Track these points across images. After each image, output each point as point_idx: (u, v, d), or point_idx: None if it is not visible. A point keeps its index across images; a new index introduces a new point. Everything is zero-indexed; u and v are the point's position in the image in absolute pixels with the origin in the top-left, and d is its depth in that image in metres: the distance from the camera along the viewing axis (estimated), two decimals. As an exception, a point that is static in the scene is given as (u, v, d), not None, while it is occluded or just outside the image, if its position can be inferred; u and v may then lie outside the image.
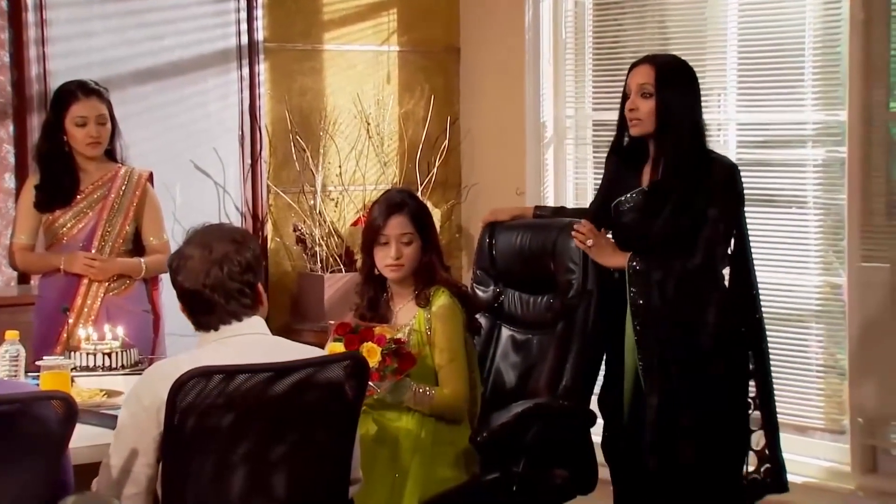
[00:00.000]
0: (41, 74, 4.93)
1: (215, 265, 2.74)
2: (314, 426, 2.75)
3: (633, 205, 3.67)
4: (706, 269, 3.58)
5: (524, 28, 5.51)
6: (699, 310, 3.57)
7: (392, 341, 3.34)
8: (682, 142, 3.55)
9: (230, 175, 5.45)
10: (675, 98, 3.57)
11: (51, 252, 4.12)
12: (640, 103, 3.60)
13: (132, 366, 3.75)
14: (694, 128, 3.59)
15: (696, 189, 3.55)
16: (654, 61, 3.65)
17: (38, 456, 2.47)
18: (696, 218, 3.55)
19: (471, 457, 3.52)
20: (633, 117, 3.62)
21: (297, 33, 5.57)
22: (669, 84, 3.58)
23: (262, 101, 5.48)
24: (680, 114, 3.57)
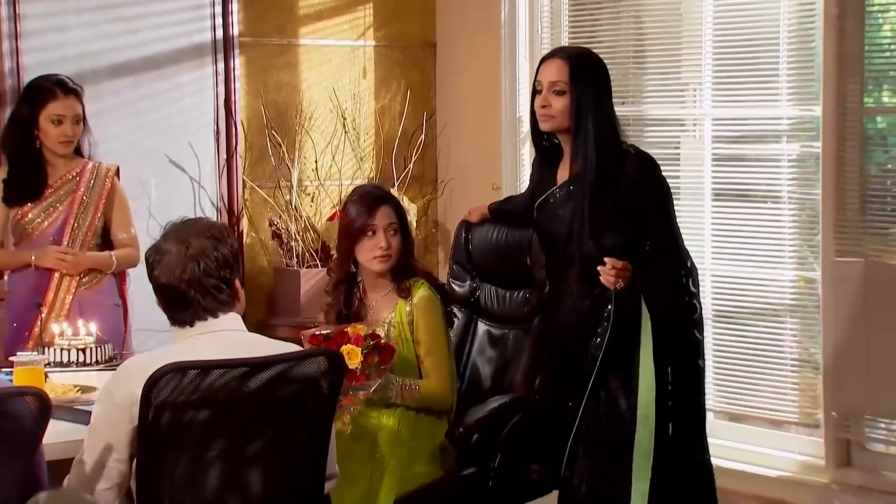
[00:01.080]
0: (14, 69, 4.89)
1: (192, 261, 2.73)
2: (290, 422, 2.74)
3: (556, 207, 3.56)
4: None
5: (500, 23, 5.51)
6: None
7: (368, 337, 3.34)
8: (602, 139, 3.45)
9: (205, 170, 5.43)
10: (590, 95, 3.46)
11: (20, 248, 4.10)
12: (552, 100, 3.48)
13: (106, 361, 3.73)
14: (610, 124, 3.49)
15: (617, 185, 3.46)
16: (566, 56, 3.52)
17: (11, 452, 2.46)
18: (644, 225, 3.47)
19: (447, 452, 3.52)
20: (544, 114, 3.50)
21: (273, 28, 5.56)
22: (583, 80, 3.46)
23: (237, 95, 5.46)
24: (595, 111, 3.46)
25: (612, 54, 5.17)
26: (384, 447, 3.44)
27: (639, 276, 3.40)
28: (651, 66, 5.11)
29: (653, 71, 5.10)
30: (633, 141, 5.10)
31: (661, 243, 3.49)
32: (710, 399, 4.85)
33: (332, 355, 2.81)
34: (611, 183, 3.44)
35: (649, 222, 3.47)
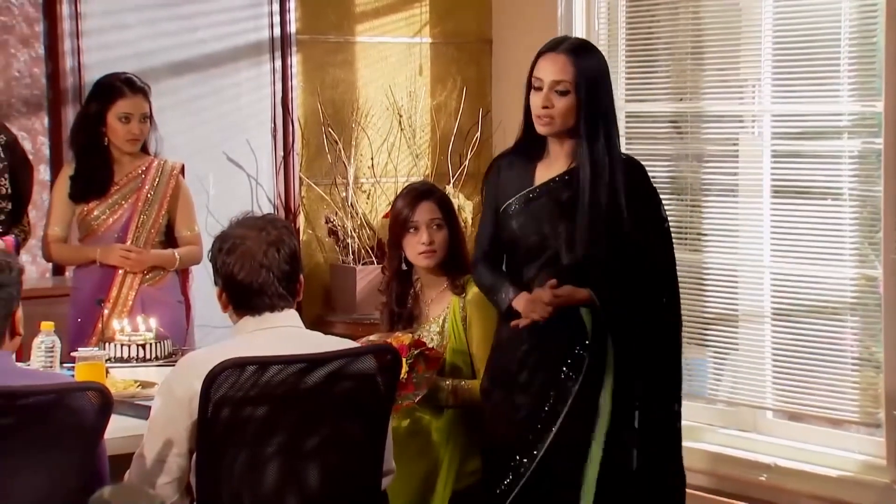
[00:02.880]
0: (76, 67, 4.95)
1: (272, 247, 2.74)
2: (346, 418, 2.75)
3: (539, 208, 3.27)
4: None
5: (557, 19, 5.48)
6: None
7: (413, 346, 3.34)
8: (612, 144, 3.20)
9: (263, 167, 5.46)
10: (598, 96, 3.20)
11: (85, 244, 4.15)
12: (555, 100, 3.18)
13: (166, 357, 3.77)
14: (616, 127, 3.27)
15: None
16: (570, 51, 3.20)
17: (74, 447, 2.49)
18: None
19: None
20: (545, 115, 3.19)
21: (330, 25, 5.58)
22: (591, 80, 3.18)
23: (294, 93, 5.49)
24: (605, 113, 3.21)
25: (669, 50, 5.13)
26: (439, 443, 3.44)
27: (607, 294, 3.17)
28: (709, 62, 5.06)
29: (711, 66, 5.05)
30: (691, 137, 5.12)
31: (652, 258, 3.26)
32: (768, 398, 4.81)
33: (389, 351, 2.82)
34: (612, 188, 3.20)
35: (647, 234, 3.24)
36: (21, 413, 2.41)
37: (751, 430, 4.86)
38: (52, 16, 4.91)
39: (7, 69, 4.86)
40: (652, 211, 3.28)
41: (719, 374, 5.00)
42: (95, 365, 3.23)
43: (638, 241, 3.21)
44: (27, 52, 4.92)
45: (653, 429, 3.27)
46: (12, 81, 4.88)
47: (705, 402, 5.03)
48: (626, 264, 3.21)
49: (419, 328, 3.56)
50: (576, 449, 3.20)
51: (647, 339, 3.25)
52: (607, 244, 3.18)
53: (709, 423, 4.97)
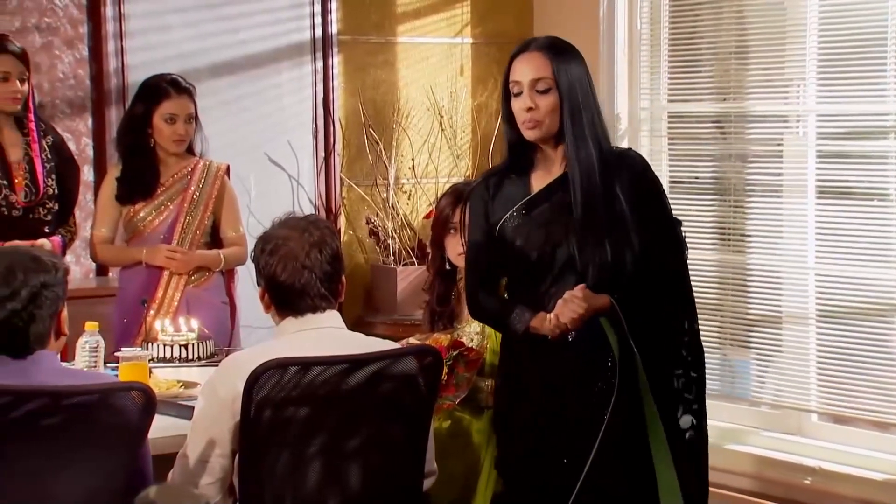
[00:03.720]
0: (119, 68, 4.98)
1: (315, 248, 2.75)
2: (388, 419, 2.75)
3: (540, 216, 3.04)
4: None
5: (598, 19, 5.45)
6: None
7: (452, 347, 3.33)
8: (600, 138, 3.00)
9: (304, 168, 5.47)
10: (579, 87, 2.98)
11: (131, 245, 4.17)
12: (538, 100, 2.95)
13: (208, 357, 3.78)
14: (601, 119, 3.04)
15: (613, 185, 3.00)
16: (543, 47, 3.00)
17: (118, 446, 2.50)
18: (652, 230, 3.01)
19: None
20: (531, 118, 2.96)
21: (371, 26, 5.58)
22: (570, 72, 2.97)
23: (335, 93, 5.49)
24: (587, 105, 2.99)
25: (713, 49, 5.10)
26: (480, 444, 3.44)
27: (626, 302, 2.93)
28: (753, 61, 5.02)
29: (755, 66, 5.01)
30: (734, 137, 5.07)
31: (662, 259, 3.02)
32: (813, 400, 4.77)
33: (431, 352, 2.81)
34: (606, 186, 2.98)
35: (653, 231, 3.01)
36: (66, 413, 2.42)
37: (795, 433, 4.81)
38: (97, 17, 4.95)
39: (52, 71, 4.90)
40: (655, 208, 3.03)
41: (763, 376, 4.96)
42: (139, 365, 3.24)
43: (643, 241, 2.98)
44: (71, 53, 4.95)
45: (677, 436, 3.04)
46: (57, 83, 4.92)
47: (749, 404, 4.99)
48: (634, 268, 2.97)
49: (459, 328, 3.55)
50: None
51: (664, 350, 3.02)
52: (613, 249, 2.95)
53: (753, 425, 4.93)
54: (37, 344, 2.54)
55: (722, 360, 5.06)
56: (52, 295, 2.54)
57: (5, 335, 2.52)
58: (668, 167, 5.36)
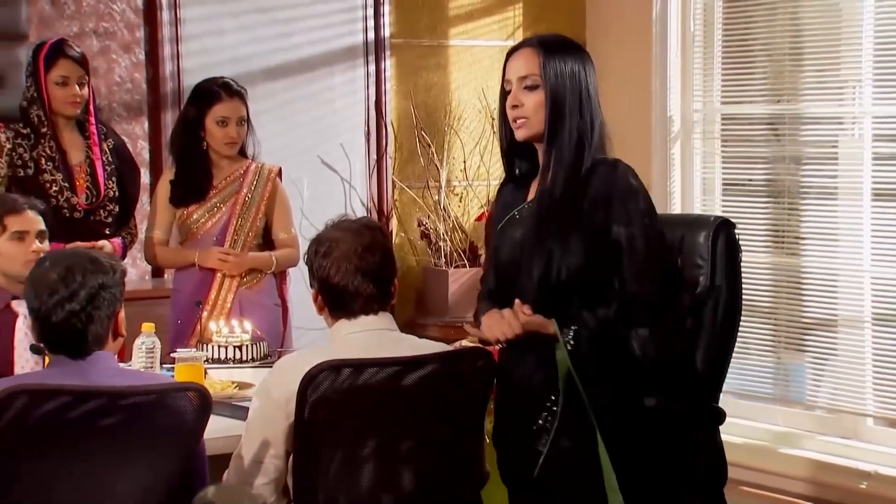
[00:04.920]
0: (175, 72, 5.03)
1: (368, 250, 2.76)
2: (441, 421, 2.75)
3: (514, 229, 2.85)
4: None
5: (651, 21, 5.43)
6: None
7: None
8: (582, 145, 2.77)
9: (356, 170, 5.50)
10: (568, 87, 2.76)
11: (185, 247, 4.21)
12: (523, 97, 2.78)
13: (262, 358, 3.80)
14: (593, 127, 2.79)
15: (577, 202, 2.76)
16: (535, 42, 2.83)
17: (174, 446, 2.53)
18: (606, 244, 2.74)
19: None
20: (517, 115, 2.79)
21: (423, 29, 5.59)
22: (560, 70, 2.77)
23: (387, 96, 5.51)
24: (576, 107, 2.77)
25: (767, 51, 5.06)
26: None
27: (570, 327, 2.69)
28: (808, 63, 4.97)
29: (809, 68, 4.97)
30: (788, 140, 5.03)
31: (629, 279, 2.73)
32: (869, 404, 4.72)
33: (484, 355, 2.82)
34: (574, 197, 2.75)
35: (611, 248, 2.73)
36: (123, 413, 2.45)
37: (851, 437, 4.76)
38: (153, 22, 5.00)
39: (109, 75, 4.96)
40: (626, 222, 2.73)
41: (819, 379, 4.91)
42: (194, 366, 3.27)
43: (610, 256, 2.73)
44: (128, 57, 5.01)
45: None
46: (114, 86, 4.98)
47: (804, 408, 4.94)
48: (596, 287, 2.73)
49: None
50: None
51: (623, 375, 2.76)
52: (581, 263, 2.73)
53: (808, 429, 4.88)
54: (95, 345, 2.57)
55: (776, 364, 5.02)
56: (109, 296, 2.57)
57: (64, 336, 2.55)
58: (722, 170, 5.32)
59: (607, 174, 2.75)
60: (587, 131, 2.77)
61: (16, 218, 3.50)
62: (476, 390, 2.81)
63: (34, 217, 3.53)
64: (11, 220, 3.49)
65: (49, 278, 2.54)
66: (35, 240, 3.49)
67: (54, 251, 3.30)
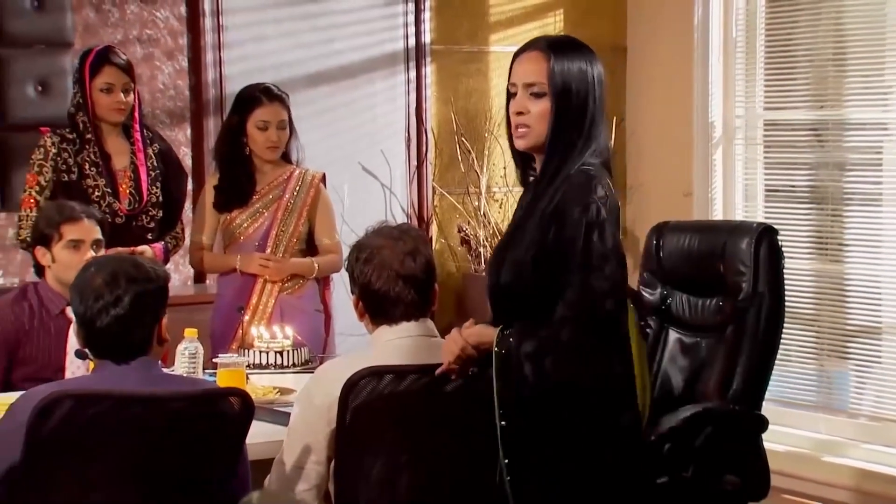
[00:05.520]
0: (217, 79, 5.07)
1: (408, 256, 2.76)
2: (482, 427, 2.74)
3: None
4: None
5: (693, 26, 5.41)
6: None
7: None
8: (584, 153, 2.60)
9: (396, 176, 5.51)
10: (574, 97, 2.60)
11: (228, 251, 4.23)
12: (529, 104, 2.60)
13: (303, 364, 3.81)
14: (599, 141, 2.62)
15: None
16: (544, 47, 2.63)
17: (217, 451, 2.54)
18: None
19: (639, 461, 3.47)
20: (520, 122, 2.62)
21: (464, 35, 5.60)
22: (569, 77, 2.59)
23: (428, 103, 5.52)
24: (582, 119, 2.61)
25: (810, 56, 5.02)
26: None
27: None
28: (852, 68, 4.93)
29: (853, 73, 4.93)
30: (832, 145, 4.99)
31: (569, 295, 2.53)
32: (913, 413, 4.68)
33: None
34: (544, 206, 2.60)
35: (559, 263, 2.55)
36: (167, 418, 2.47)
37: (895, 446, 4.72)
38: (196, 29, 5.04)
39: (152, 81, 5.00)
40: (561, 237, 2.54)
41: (862, 387, 4.87)
42: (236, 371, 3.29)
43: (544, 279, 2.56)
44: (171, 64, 5.05)
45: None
46: (157, 93, 5.02)
47: (847, 416, 4.90)
48: (539, 300, 2.56)
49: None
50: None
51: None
52: (511, 274, 2.60)
53: (851, 438, 4.84)
54: (139, 350, 2.58)
55: (819, 371, 4.98)
56: (153, 302, 2.58)
57: (109, 341, 2.57)
58: (764, 176, 5.29)
59: (574, 186, 2.56)
60: (583, 139, 2.60)
61: (72, 226, 3.54)
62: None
63: (91, 226, 3.57)
64: (68, 229, 3.54)
65: (94, 284, 2.56)
66: (90, 249, 3.53)
67: (99, 257, 3.33)
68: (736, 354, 3.68)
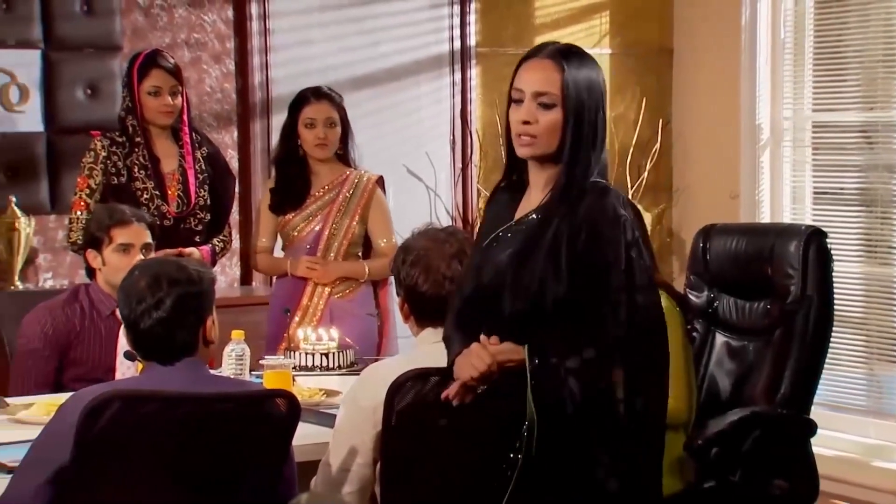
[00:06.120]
0: (263, 82, 5.10)
1: (454, 258, 2.76)
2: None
3: (499, 251, 2.57)
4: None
5: (740, 28, 5.38)
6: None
7: None
8: (588, 171, 2.52)
9: (441, 179, 5.51)
10: (587, 113, 2.51)
11: (287, 253, 4.26)
12: (538, 114, 2.50)
13: (348, 366, 3.82)
14: (599, 152, 2.55)
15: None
16: (556, 56, 2.53)
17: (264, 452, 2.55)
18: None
19: (685, 465, 3.45)
20: (525, 132, 2.51)
21: (509, 37, 5.59)
22: (582, 92, 2.51)
23: (473, 105, 5.52)
24: (594, 134, 2.53)
25: (859, 57, 4.98)
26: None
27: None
28: (902, 70, 4.89)
29: (904, 74, 4.88)
30: (882, 148, 4.94)
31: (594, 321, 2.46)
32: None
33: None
34: (561, 223, 2.50)
35: (587, 287, 2.47)
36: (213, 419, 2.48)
37: (946, 451, 4.67)
38: (243, 33, 5.07)
39: (200, 85, 5.04)
40: (599, 255, 2.47)
41: (912, 392, 4.82)
42: (282, 373, 3.30)
43: (577, 296, 2.46)
44: (219, 68, 5.09)
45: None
46: (204, 96, 5.06)
47: (896, 420, 4.86)
48: (576, 318, 2.46)
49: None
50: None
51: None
52: (565, 291, 2.47)
53: (901, 443, 4.80)
54: (183, 351, 2.58)
55: (868, 375, 4.93)
56: (196, 304, 2.58)
57: (152, 343, 2.58)
58: (812, 178, 5.25)
59: (596, 200, 2.50)
60: (596, 156, 2.54)
61: (122, 230, 3.57)
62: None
63: (140, 229, 3.59)
64: (118, 232, 3.57)
65: (137, 287, 2.57)
66: (140, 252, 3.56)
67: (145, 260, 3.35)
68: (784, 358, 3.65)
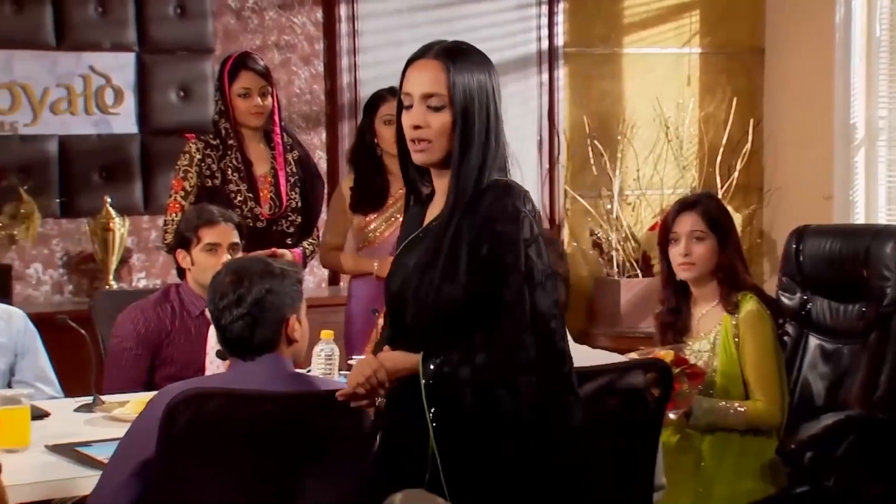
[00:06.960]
0: (352, 83, 5.14)
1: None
2: (616, 431, 2.72)
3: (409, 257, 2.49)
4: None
5: (834, 26, 5.29)
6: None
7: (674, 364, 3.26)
8: (483, 171, 2.41)
9: (528, 179, 5.43)
10: (476, 110, 2.42)
11: (362, 253, 4.26)
12: (428, 117, 2.40)
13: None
14: (499, 148, 2.45)
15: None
16: (441, 55, 2.47)
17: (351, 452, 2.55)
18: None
19: (777, 469, 3.40)
20: (419, 137, 2.41)
21: (597, 37, 5.57)
22: (469, 89, 2.42)
23: (560, 105, 5.50)
24: (484, 132, 2.42)
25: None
26: (709, 461, 3.37)
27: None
28: None
29: None
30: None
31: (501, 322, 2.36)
32: None
33: (659, 366, 2.78)
34: (462, 223, 2.41)
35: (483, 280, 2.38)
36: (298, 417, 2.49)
37: None
38: (331, 35, 5.12)
39: (289, 86, 5.09)
40: (499, 256, 2.37)
41: None
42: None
43: (475, 298, 2.37)
44: (308, 69, 5.13)
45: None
46: (293, 98, 5.11)
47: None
48: (478, 319, 2.38)
49: (688, 343, 3.49)
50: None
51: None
52: (461, 294, 2.37)
53: None
54: (263, 349, 2.58)
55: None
56: (277, 301, 2.58)
57: (233, 339, 2.59)
58: (908, 178, 5.15)
59: (496, 199, 2.41)
60: (491, 154, 2.43)
61: (210, 230, 3.61)
62: (651, 401, 2.76)
63: (228, 229, 3.63)
64: (205, 232, 3.61)
65: (222, 284, 2.59)
66: (227, 252, 3.59)
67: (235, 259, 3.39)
68: (880, 361, 3.59)
